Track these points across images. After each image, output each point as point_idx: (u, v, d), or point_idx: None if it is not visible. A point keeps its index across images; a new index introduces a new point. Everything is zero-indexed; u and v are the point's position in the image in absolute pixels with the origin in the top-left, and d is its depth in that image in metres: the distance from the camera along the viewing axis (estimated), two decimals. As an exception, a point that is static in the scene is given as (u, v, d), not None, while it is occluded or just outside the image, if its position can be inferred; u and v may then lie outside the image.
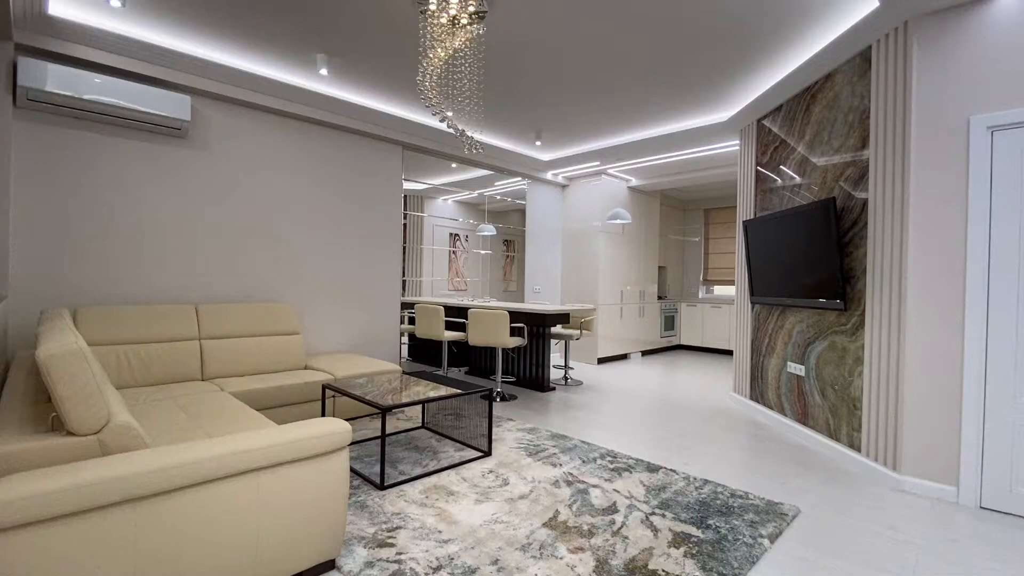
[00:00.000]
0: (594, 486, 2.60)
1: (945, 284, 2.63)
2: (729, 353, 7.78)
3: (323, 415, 3.08)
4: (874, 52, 2.99)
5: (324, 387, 3.06)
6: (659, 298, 7.98)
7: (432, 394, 2.83)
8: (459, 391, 2.92)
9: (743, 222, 4.27)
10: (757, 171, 4.35)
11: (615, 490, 2.56)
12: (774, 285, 3.87)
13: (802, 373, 3.63)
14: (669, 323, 8.08)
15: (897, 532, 2.27)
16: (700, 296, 8.58)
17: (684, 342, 8.28)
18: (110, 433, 1.56)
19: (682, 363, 6.93)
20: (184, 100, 3.49)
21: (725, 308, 7.76)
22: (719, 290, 8.53)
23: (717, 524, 2.23)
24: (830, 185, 3.36)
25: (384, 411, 2.50)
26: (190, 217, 3.69)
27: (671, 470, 2.86)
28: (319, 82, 4.02)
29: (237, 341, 3.67)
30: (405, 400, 2.66)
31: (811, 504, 2.52)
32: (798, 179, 3.73)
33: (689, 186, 7.40)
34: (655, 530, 2.16)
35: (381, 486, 2.52)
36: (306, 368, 3.93)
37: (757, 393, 4.29)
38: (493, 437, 3.39)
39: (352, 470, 2.75)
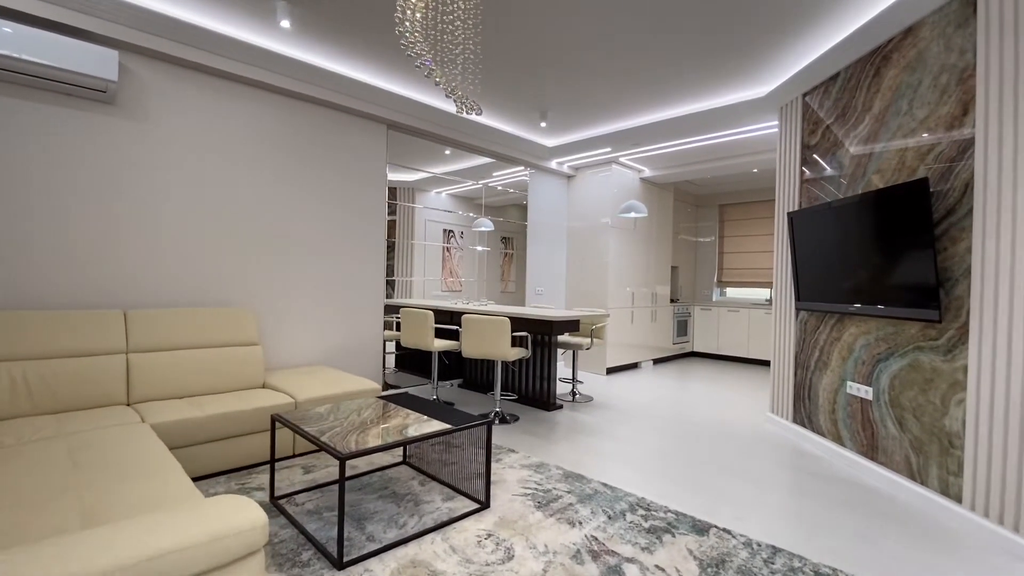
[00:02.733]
0: (629, 560, 1.92)
1: (1097, 290, 1.98)
2: (748, 362, 7.13)
3: (272, 452, 2.39)
4: (982, -8, 2.33)
5: (273, 419, 2.37)
6: (671, 301, 7.32)
7: (412, 432, 2.15)
8: (447, 426, 2.24)
9: (788, 214, 3.61)
10: (803, 154, 3.69)
11: (658, 567, 1.88)
12: (830, 289, 3.21)
13: (869, 396, 2.97)
14: (682, 328, 7.42)
15: (1062, 640, 1.61)
16: (714, 299, 7.93)
17: (698, 349, 7.63)
18: None
19: (699, 373, 6.28)
20: (109, 55, 2.79)
21: (744, 312, 7.11)
22: (733, 292, 7.88)
23: (813, 632, 1.56)
24: (912, 166, 2.70)
25: (342, 461, 1.82)
26: (121, 201, 3.00)
27: (724, 530, 2.19)
28: (281, 39, 3.33)
29: (176, 355, 2.98)
30: (372, 443, 1.97)
31: (925, 589, 1.86)
32: (862, 161, 3.07)
33: (707, 178, 6.75)
34: (728, 646, 1.49)
35: (339, 564, 1.84)
36: (264, 387, 3.24)
37: (803, 416, 3.63)
38: (492, 477, 2.72)
39: (304, 532, 2.07)
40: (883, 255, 2.76)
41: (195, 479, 2.60)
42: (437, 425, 2.25)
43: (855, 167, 3.14)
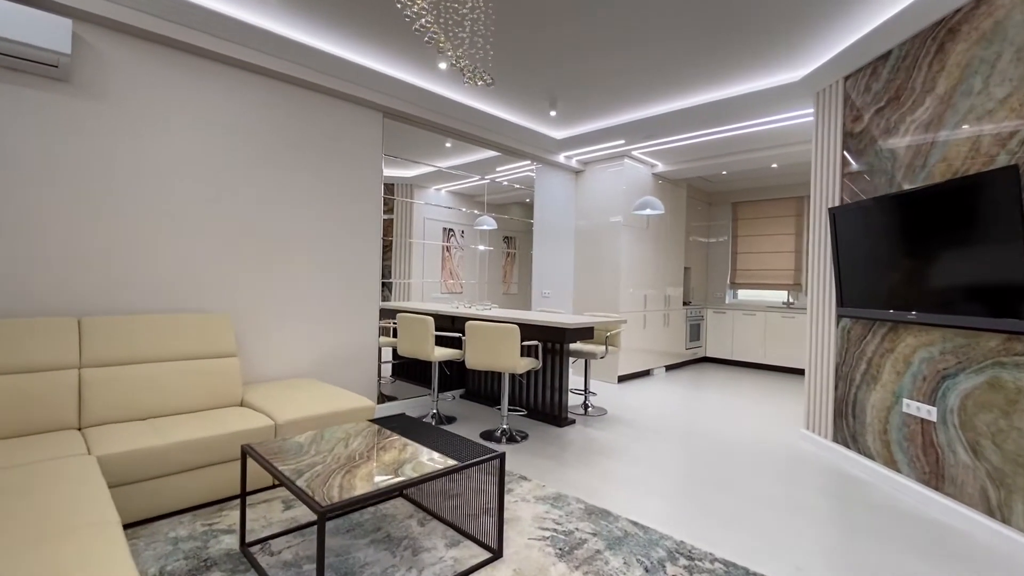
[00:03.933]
0: (679, 635, 1.55)
1: None
2: (765, 368, 6.77)
3: (243, 489, 2.01)
4: (1086, -56, 1.97)
5: (244, 451, 1.99)
6: (684, 304, 6.96)
7: (410, 469, 1.77)
8: (453, 463, 1.87)
9: (830, 210, 3.24)
10: (845, 144, 3.32)
11: (716, 644, 1.51)
12: (882, 293, 2.85)
13: (932, 417, 2.60)
14: (694, 332, 7.06)
15: None
16: (727, 301, 7.56)
17: (711, 354, 7.26)
18: None
19: (713, 381, 5.91)
20: (62, 25, 2.41)
21: (760, 316, 6.74)
22: (746, 294, 7.51)
23: None
24: (989, 152, 2.34)
25: (321, 515, 1.44)
26: (75, 192, 2.61)
27: (786, 587, 1.82)
28: (262, 11, 2.94)
29: (139, 369, 2.60)
30: (360, 487, 1.60)
31: (1054, 674, 1.49)
32: (922, 150, 2.70)
33: (720, 175, 6.39)
34: None
35: (317, 643, 1.46)
36: (241, 404, 2.86)
37: (846, 435, 3.26)
38: (505, 514, 2.33)
39: (278, 595, 1.69)
40: (954, 256, 2.40)
41: (155, 519, 2.22)
42: (440, 461, 1.87)
43: (912, 156, 2.77)
